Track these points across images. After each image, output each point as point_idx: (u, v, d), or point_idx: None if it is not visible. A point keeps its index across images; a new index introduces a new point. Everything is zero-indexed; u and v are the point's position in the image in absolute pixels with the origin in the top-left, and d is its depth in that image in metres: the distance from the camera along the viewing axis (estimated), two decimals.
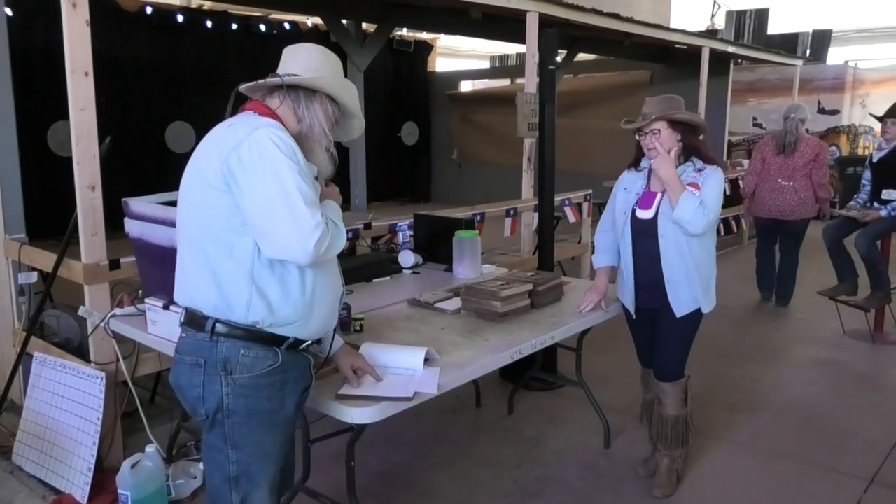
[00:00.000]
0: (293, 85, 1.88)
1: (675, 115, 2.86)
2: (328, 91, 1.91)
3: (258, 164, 1.69)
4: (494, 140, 12.23)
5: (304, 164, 1.76)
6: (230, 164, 1.71)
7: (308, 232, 1.67)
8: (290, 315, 1.80)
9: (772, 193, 5.73)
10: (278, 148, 1.71)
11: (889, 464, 3.30)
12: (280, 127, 1.79)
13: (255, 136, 1.72)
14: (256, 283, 1.76)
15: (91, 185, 2.94)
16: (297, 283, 1.80)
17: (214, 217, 1.75)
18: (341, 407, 2.03)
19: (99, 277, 3.03)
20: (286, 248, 1.70)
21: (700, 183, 2.84)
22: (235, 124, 1.79)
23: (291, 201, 1.68)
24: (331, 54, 1.98)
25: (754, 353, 4.86)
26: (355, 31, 8.24)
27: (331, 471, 2.96)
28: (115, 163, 8.09)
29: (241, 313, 1.77)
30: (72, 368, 3.04)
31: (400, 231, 4.31)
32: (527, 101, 4.87)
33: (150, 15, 9.52)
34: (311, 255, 1.69)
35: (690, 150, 2.91)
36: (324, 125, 1.90)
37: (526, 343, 2.64)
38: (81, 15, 2.82)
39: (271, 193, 1.68)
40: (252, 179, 1.69)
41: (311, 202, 1.71)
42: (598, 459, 3.33)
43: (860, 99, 11.17)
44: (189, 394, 1.84)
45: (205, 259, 1.79)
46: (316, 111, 1.89)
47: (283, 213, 1.68)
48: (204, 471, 1.94)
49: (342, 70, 2.02)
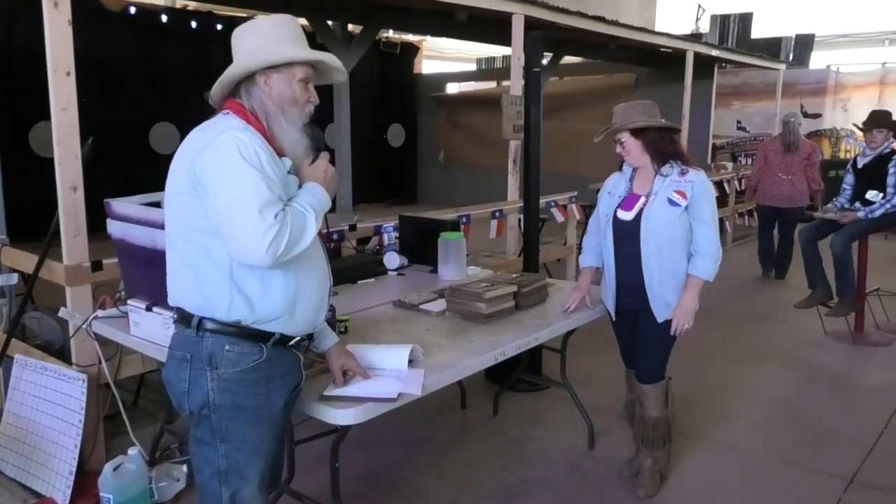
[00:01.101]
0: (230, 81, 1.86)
1: (632, 124, 2.89)
2: (248, 70, 1.84)
3: (218, 170, 1.71)
4: (480, 142, 12.25)
5: (268, 164, 1.74)
6: (196, 170, 1.73)
7: (259, 236, 1.66)
8: (272, 311, 1.81)
9: (773, 185, 6.87)
10: (238, 152, 1.70)
11: (869, 463, 3.34)
12: (244, 127, 1.78)
13: (217, 142, 1.73)
14: (236, 284, 1.77)
15: (73, 185, 2.91)
16: (279, 280, 1.80)
17: (190, 222, 1.78)
18: (325, 408, 2.03)
19: (81, 279, 3.01)
20: (243, 253, 1.71)
21: (687, 192, 2.85)
22: (205, 129, 1.80)
23: (244, 206, 1.67)
24: (257, 23, 1.91)
25: (738, 355, 4.90)
26: (341, 32, 8.22)
27: (316, 472, 2.95)
28: (98, 164, 8.05)
29: (223, 313, 1.79)
30: (53, 371, 3.01)
31: (385, 233, 4.30)
32: (512, 103, 4.88)
33: (134, 15, 9.47)
34: (265, 257, 1.68)
35: (669, 155, 2.92)
36: (275, 104, 1.85)
37: (510, 344, 2.65)
38: (63, 14, 2.80)
39: (227, 199, 1.69)
40: (213, 185, 1.71)
41: (267, 204, 1.69)
42: (583, 460, 3.35)
43: (842, 103, 11.30)
44: (176, 388, 1.87)
45: (187, 262, 1.82)
46: (261, 96, 1.86)
47: (235, 219, 1.68)
48: (193, 467, 1.93)
49: (277, 27, 1.91)
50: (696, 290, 2.90)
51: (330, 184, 1.91)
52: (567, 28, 6.34)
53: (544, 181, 4.35)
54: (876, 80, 11.03)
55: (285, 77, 1.87)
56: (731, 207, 9.01)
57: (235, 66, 1.86)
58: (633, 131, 2.91)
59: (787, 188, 6.80)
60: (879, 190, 5.08)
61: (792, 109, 7.87)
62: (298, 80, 1.88)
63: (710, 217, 2.89)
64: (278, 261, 1.71)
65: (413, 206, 12.96)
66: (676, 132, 3.01)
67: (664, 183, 2.89)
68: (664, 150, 2.91)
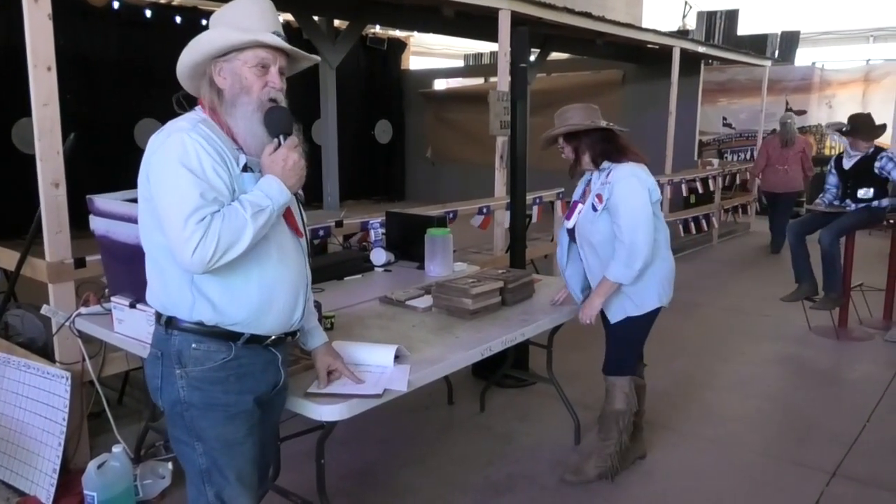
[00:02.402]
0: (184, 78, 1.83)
1: (562, 129, 2.93)
2: (205, 57, 1.76)
3: (158, 175, 1.69)
4: (468, 138, 12.25)
5: (210, 167, 1.67)
6: (148, 172, 1.72)
7: (182, 243, 1.61)
8: (236, 314, 1.77)
9: (772, 175, 8.35)
10: (176, 156, 1.65)
11: (851, 457, 3.37)
12: (192, 127, 1.71)
13: (164, 145, 1.69)
14: (197, 285, 1.74)
15: (55, 181, 2.89)
16: (241, 282, 1.75)
17: (152, 223, 1.75)
18: (310, 404, 2.02)
19: (63, 276, 2.98)
20: (176, 260, 1.67)
21: (605, 195, 2.84)
22: (159, 132, 1.76)
23: (171, 213, 1.64)
24: (232, 5, 1.80)
25: (723, 350, 4.93)
26: (327, 27, 8.17)
27: (302, 469, 2.94)
28: (83, 160, 8.01)
29: (186, 313, 1.77)
30: (36, 369, 2.99)
31: (372, 229, 4.30)
32: (499, 99, 4.88)
33: (117, 10, 9.37)
34: (193, 264, 1.63)
35: (603, 155, 2.92)
36: (227, 96, 1.76)
37: (496, 340, 2.65)
38: (43, 8, 2.77)
39: (162, 206, 1.67)
40: (155, 190, 1.69)
41: (194, 210, 1.61)
42: (569, 455, 3.35)
43: (827, 100, 11.37)
44: (151, 383, 1.88)
45: (153, 262, 1.81)
46: (215, 88, 1.78)
47: (167, 225, 1.66)
48: (181, 465, 1.93)
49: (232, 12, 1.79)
50: (603, 290, 2.89)
51: (290, 173, 1.73)
52: (554, 24, 6.34)
53: (533, 177, 4.35)
54: (860, 77, 11.10)
55: (235, 65, 1.75)
56: (717, 203, 9.06)
57: (184, 57, 1.78)
58: (565, 136, 2.93)
59: (783, 177, 8.25)
60: (868, 187, 5.13)
61: (789, 111, 9.48)
62: (251, 67, 1.75)
63: (624, 218, 2.78)
64: (212, 266, 1.63)
65: (401, 202, 12.95)
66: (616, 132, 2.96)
67: (594, 185, 2.94)
68: (598, 149, 2.92)
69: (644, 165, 2.91)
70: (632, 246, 2.76)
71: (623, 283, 2.84)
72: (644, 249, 2.76)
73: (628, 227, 2.76)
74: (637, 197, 2.79)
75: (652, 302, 2.94)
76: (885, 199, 5.19)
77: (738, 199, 9.78)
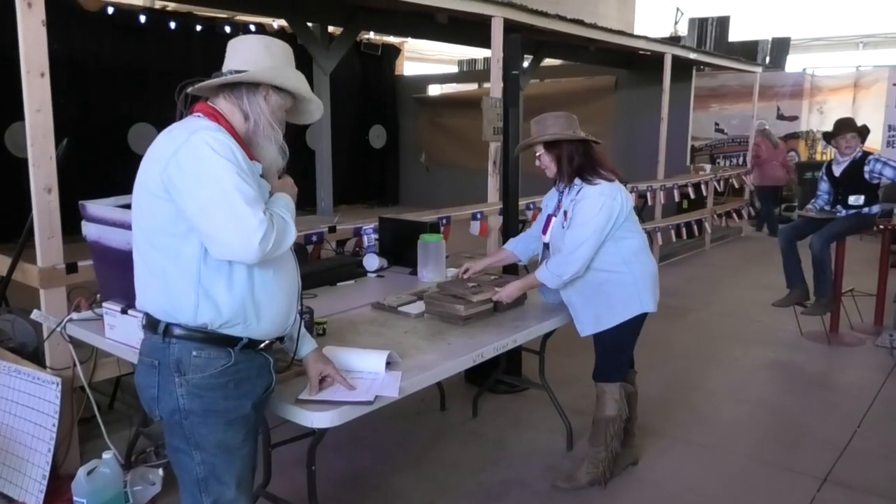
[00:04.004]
0: (235, 81, 1.86)
1: (544, 137, 2.93)
2: (269, 82, 1.88)
3: (196, 169, 1.70)
4: (462, 143, 12.26)
5: (244, 163, 1.76)
6: (170, 172, 1.72)
7: (251, 231, 1.67)
8: (239, 315, 1.80)
9: (770, 170, 9.91)
10: (214, 150, 1.70)
11: (842, 462, 3.39)
12: (217, 129, 1.78)
13: (191, 141, 1.72)
14: (203, 287, 1.77)
15: (47, 187, 2.88)
16: (245, 284, 1.80)
17: (159, 225, 1.77)
18: (301, 411, 2.02)
19: (55, 281, 2.97)
20: (230, 249, 1.71)
21: (570, 212, 2.87)
22: (173, 131, 1.79)
23: (231, 201, 1.68)
24: (274, 43, 1.95)
25: (714, 355, 4.95)
26: (321, 33, 8.20)
27: (293, 475, 2.94)
28: (76, 164, 7.99)
29: (190, 316, 1.78)
30: (27, 374, 2.98)
31: (365, 234, 4.30)
32: (492, 105, 4.90)
33: (111, 15, 9.35)
34: (255, 253, 1.69)
35: (579, 169, 2.92)
36: (269, 118, 1.89)
37: (488, 346, 2.66)
38: (37, 14, 2.77)
39: (210, 196, 1.68)
40: (191, 184, 1.70)
41: (252, 200, 1.70)
42: (562, 461, 3.36)
43: (818, 105, 11.46)
44: (146, 394, 1.87)
45: (153, 266, 1.81)
46: (260, 105, 1.88)
47: (223, 214, 1.68)
48: (176, 475, 1.93)
49: (289, 56, 1.98)
50: (525, 283, 3.02)
51: (295, 198, 1.98)
52: (546, 31, 6.37)
53: (527, 182, 4.36)
54: (850, 83, 11.19)
55: (280, 101, 1.92)
56: (709, 209, 9.10)
57: (256, 71, 1.86)
58: (546, 145, 2.94)
59: (775, 171, 9.93)
60: (859, 194, 5.17)
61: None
62: (285, 109, 1.96)
63: (574, 230, 2.84)
64: (265, 258, 1.72)
65: (395, 207, 12.94)
66: (593, 144, 2.98)
67: (565, 203, 2.96)
68: (575, 164, 2.92)
69: (616, 182, 2.92)
70: (569, 257, 2.85)
71: (548, 285, 2.95)
72: (578, 264, 2.85)
73: (574, 239, 2.85)
74: (594, 217, 2.83)
75: (631, 309, 2.94)
76: (875, 205, 5.23)
77: (731, 204, 9.82)
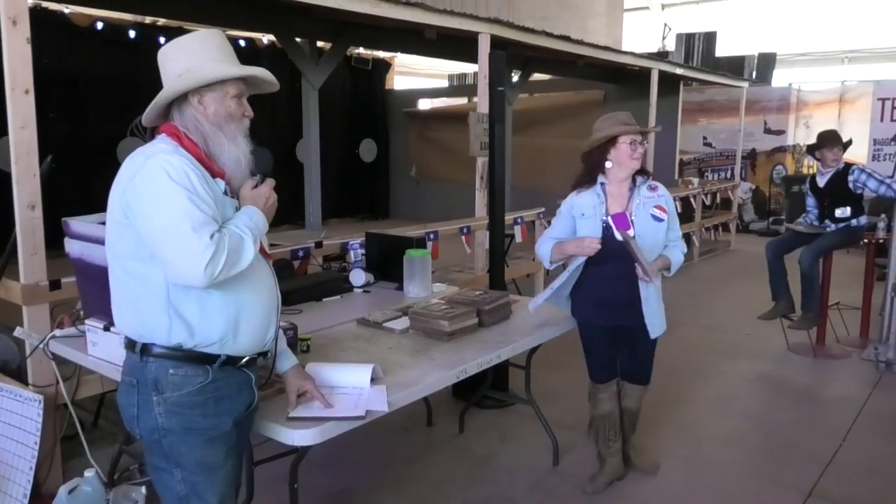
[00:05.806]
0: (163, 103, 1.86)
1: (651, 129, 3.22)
2: (184, 90, 1.83)
3: (149, 195, 1.71)
4: (452, 157, 12.29)
5: (199, 185, 1.74)
6: (127, 197, 1.74)
7: (195, 256, 1.66)
8: (213, 334, 1.80)
9: None
10: (167, 174, 1.70)
11: (827, 476, 3.40)
12: (173, 150, 1.77)
13: (147, 166, 1.73)
14: (174, 308, 1.77)
15: (31, 204, 2.88)
16: (219, 302, 1.79)
17: (126, 249, 1.78)
18: (282, 429, 2.01)
19: (38, 298, 2.96)
20: (179, 274, 1.71)
21: (664, 206, 3.01)
22: (135, 156, 1.80)
23: (178, 227, 1.67)
24: (181, 42, 1.88)
25: (700, 368, 4.96)
26: (310, 49, 8.22)
27: (277, 493, 2.92)
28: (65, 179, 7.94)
29: (164, 337, 1.78)
30: (9, 391, 2.96)
31: (352, 249, 4.30)
32: (479, 120, 4.92)
33: (101, 30, 9.36)
34: (202, 278, 1.68)
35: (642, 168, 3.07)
36: (213, 122, 1.85)
37: (472, 362, 2.66)
38: (22, 32, 2.78)
39: (160, 222, 1.69)
40: (145, 210, 1.72)
41: (200, 225, 1.69)
42: (547, 477, 3.36)
43: (804, 120, 11.56)
44: (126, 412, 1.87)
45: (125, 290, 1.83)
46: (195, 116, 1.85)
47: (171, 241, 1.68)
48: (158, 494, 1.92)
49: (205, 45, 1.89)
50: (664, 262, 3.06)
51: (270, 210, 1.91)
52: (534, 46, 6.42)
53: (515, 196, 4.38)
54: (835, 98, 11.30)
55: (218, 94, 1.86)
56: (697, 222, 9.15)
57: (167, 88, 1.85)
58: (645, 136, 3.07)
59: None
60: (845, 206, 5.20)
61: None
62: (232, 97, 1.87)
63: (677, 225, 3.13)
64: (215, 281, 1.70)
65: (385, 220, 12.95)
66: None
67: (639, 198, 2.97)
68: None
69: None
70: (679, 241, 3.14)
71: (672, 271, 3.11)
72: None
73: (678, 231, 3.14)
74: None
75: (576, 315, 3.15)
76: (862, 217, 5.25)
77: (719, 217, 9.88)
